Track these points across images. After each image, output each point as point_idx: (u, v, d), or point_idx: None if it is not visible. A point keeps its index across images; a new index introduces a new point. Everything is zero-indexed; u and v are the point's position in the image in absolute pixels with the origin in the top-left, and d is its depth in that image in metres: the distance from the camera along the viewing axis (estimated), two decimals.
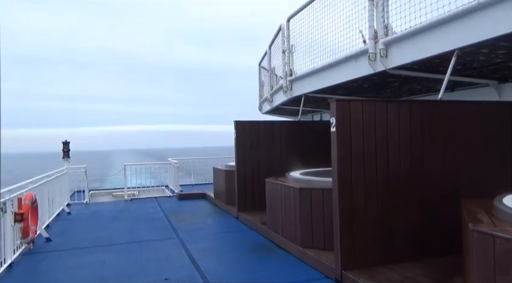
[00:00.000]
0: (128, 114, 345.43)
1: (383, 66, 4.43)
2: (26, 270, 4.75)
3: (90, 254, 5.29)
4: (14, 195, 5.21)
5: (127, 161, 11.89)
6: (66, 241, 6.08)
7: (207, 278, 4.19)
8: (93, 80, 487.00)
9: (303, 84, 6.78)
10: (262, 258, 4.95)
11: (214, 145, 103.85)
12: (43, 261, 5.07)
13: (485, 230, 2.57)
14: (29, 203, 5.44)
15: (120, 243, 5.86)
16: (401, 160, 4.08)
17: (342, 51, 5.35)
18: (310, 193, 4.81)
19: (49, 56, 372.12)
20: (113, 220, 7.70)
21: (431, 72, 4.70)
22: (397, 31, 4.20)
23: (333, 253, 4.05)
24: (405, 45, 4.08)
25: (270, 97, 8.94)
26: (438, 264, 3.88)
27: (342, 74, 5.38)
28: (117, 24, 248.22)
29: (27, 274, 4.63)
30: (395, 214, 4.04)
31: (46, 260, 5.09)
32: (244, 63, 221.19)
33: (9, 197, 4.99)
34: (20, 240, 5.27)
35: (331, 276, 4.03)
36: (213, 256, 5.02)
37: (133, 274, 4.43)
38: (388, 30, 4.32)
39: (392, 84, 5.74)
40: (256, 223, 6.34)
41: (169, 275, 4.32)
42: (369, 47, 4.51)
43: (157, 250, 5.40)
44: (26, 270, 4.77)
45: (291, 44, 7.03)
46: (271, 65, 8.85)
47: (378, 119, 4.00)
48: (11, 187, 5.21)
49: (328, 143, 4.03)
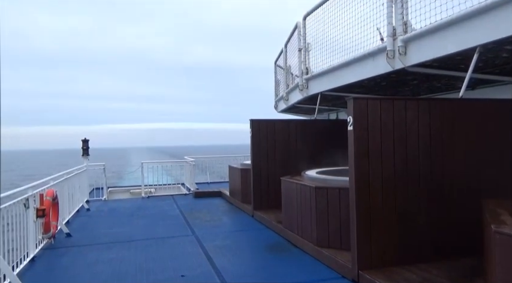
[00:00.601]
0: (144, 112, 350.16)
1: (401, 64, 4.36)
2: (47, 264, 4.88)
3: (109, 250, 5.39)
4: (36, 192, 5.36)
5: (143, 159, 12.08)
6: (86, 236, 6.22)
7: (223, 276, 4.22)
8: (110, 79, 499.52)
9: (319, 83, 6.74)
10: (277, 256, 4.95)
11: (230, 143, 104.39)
12: (64, 255, 5.20)
13: (509, 232, 2.50)
14: (50, 199, 5.58)
15: (138, 239, 5.96)
16: (420, 160, 4.01)
17: (359, 49, 5.28)
18: (326, 192, 4.78)
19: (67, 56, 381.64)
20: (131, 217, 7.82)
21: (451, 69, 4.60)
22: (417, 28, 4.12)
23: (349, 253, 4.02)
24: (425, 42, 4.01)
25: (286, 95, 8.91)
26: (457, 265, 3.80)
27: (359, 72, 5.32)
28: (132, 24, 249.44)
29: (48, 268, 4.76)
30: (414, 214, 3.98)
31: (67, 255, 5.22)
32: (260, 62, 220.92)
33: (31, 193, 5.13)
34: (42, 235, 5.42)
35: (347, 276, 4.00)
36: (229, 254, 5.05)
37: (150, 270, 4.50)
38: (407, 27, 4.24)
39: (411, 82, 5.65)
40: (271, 222, 6.34)
41: (186, 272, 4.36)
42: (387, 44, 4.45)
43: (174, 247, 5.47)
44: (48, 264, 4.90)
45: (307, 42, 6.98)
46: (287, 64, 8.82)
47: (397, 117, 3.94)
48: (33, 183, 5.35)
49: (344, 142, 4.00)
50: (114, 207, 9.12)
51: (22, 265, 4.62)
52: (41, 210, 5.20)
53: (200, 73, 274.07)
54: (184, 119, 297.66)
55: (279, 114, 10.95)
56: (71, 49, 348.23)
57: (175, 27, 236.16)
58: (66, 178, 7.34)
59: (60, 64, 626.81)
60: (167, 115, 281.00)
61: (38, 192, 5.40)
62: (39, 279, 4.39)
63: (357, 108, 3.83)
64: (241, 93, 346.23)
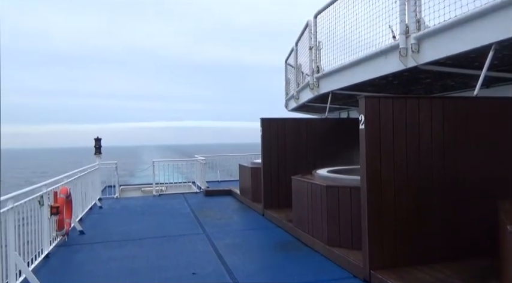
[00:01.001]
0: (155, 111, 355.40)
1: (414, 62, 4.30)
2: (61, 261, 4.96)
3: (121, 247, 5.46)
4: (50, 189, 5.45)
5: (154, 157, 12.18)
6: (99, 234, 6.31)
7: (233, 274, 4.23)
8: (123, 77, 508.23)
9: (330, 81, 6.69)
10: (288, 255, 4.94)
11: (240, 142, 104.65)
12: (77, 252, 5.29)
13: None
14: (64, 197, 5.67)
15: (150, 237, 6.02)
16: (433, 159, 3.96)
17: (371, 48, 5.23)
18: (337, 191, 4.76)
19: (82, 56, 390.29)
20: (142, 215, 7.91)
21: (466, 67, 4.52)
22: (430, 25, 4.06)
23: (360, 252, 4.00)
24: (439, 39, 3.94)
25: (296, 94, 8.88)
26: (471, 266, 3.75)
27: (370, 71, 5.27)
28: (146, 23, 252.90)
29: (62, 264, 4.84)
30: (426, 214, 3.93)
31: (80, 252, 5.31)
32: (270, 61, 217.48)
33: (46, 191, 5.22)
34: (56, 232, 5.51)
35: (358, 276, 3.98)
36: (239, 253, 5.06)
37: (162, 267, 4.55)
38: (420, 24, 4.18)
39: (424, 80, 5.57)
40: (282, 221, 6.34)
41: (197, 270, 4.39)
42: (399, 42, 4.39)
43: (185, 245, 5.51)
44: (62, 260, 4.98)
45: (318, 40, 6.94)
46: (297, 62, 8.79)
47: (409, 116, 3.90)
48: (47, 181, 5.45)
49: (356, 141, 3.97)
50: (126, 205, 9.23)
51: (37, 261, 4.71)
52: (55, 208, 5.29)
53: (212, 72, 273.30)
54: (196, 117, 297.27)
55: (289, 113, 10.92)
56: (85, 48, 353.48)
57: (186, 26, 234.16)
58: (79, 176, 7.45)
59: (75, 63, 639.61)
60: (179, 113, 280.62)
61: (52, 189, 5.49)
62: (54, 275, 4.47)
63: (368, 106, 3.80)
64: (251, 92, 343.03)
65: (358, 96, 3.91)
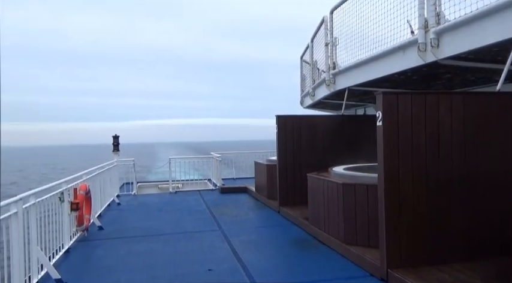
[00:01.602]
0: (170, 109, 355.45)
1: (434, 57, 4.20)
2: (81, 256, 5.08)
3: (138, 243, 5.55)
4: (71, 186, 5.58)
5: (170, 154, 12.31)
6: (117, 230, 6.43)
7: (249, 271, 4.24)
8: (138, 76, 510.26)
9: (346, 78, 6.61)
10: (304, 253, 4.93)
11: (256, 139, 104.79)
12: (96, 248, 5.40)
13: None
14: (83, 193, 5.80)
15: (167, 233, 6.10)
16: (453, 156, 3.87)
17: (388, 43, 5.14)
18: (354, 189, 4.71)
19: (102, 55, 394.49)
20: (159, 211, 8.01)
21: (488, 62, 4.39)
22: (450, 19, 3.95)
23: (377, 250, 3.94)
24: (459, 33, 3.84)
25: (312, 91, 8.81)
26: (491, 266, 3.65)
27: (388, 66, 5.18)
28: (159, 22, 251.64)
29: (82, 259, 4.96)
30: (445, 212, 3.85)
31: (99, 247, 5.42)
32: (285, 57, 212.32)
33: (66, 187, 5.34)
34: (76, 228, 5.65)
35: (375, 275, 3.93)
36: (255, 250, 5.07)
37: (179, 263, 4.60)
38: (440, 18, 4.07)
39: (443, 75, 5.44)
40: (297, 218, 6.32)
41: (213, 266, 4.42)
42: (418, 36, 4.29)
43: (201, 241, 5.55)
44: (82, 255, 5.10)
45: (334, 36, 6.86)
46: (313, 59, 8.72)
47: (429, 112, 3.81)
48: (67, 178, 5.58)
49: (373, 138, 3.91)
50: (144, 201, 9.37)
51: (58, 256, 4.83)
52: (75, 204, 5.41)
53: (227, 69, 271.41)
54: (210, 114, 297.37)
55: (304, 110, 10.85)
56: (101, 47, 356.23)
57: (201, 24, 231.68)
58: (98, 173, 7.59)
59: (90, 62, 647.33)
60: (194, 110, 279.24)
61: (72, 186, 5.62)
62: (75, 269, 4.58)
63: (386, 103, 3.73)
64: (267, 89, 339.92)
65: (375, 92, 3.84)
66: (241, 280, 4.03)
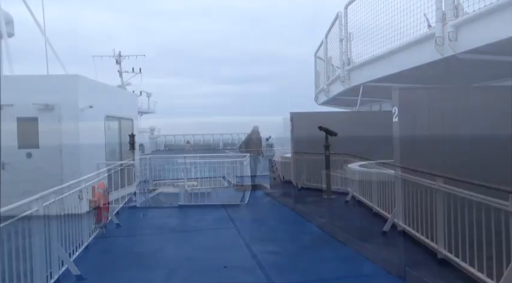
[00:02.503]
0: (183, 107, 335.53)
1: (452, 51, 4.11)
2: (100, 252, 5.18)
3: (154, 239, 5.63)
4: (89, 184, 5.68)
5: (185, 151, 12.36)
6: (134, 227, 6.53)
7: (265, 268, 4.24)
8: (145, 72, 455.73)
9: (361, 73, 6.54)
10: (319, 250, 4.89)
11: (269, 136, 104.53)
12: (114, 244, 5.50)
13: None
14: (101, 191, 5.90)
15: (182, 230, 6.16)
16: (472, 151, 3.77)
17: (404, 38, 5.05)
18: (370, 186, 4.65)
19: None
20: (175, 209, 8.08)
21: (509, 54, 4.27)
22: (469, 11, 3.86)
23: (395, 248, 3.89)
24: (479, 26, 3.74)
25: (327, 87, 8.75)
26: None
27: (404, 61, 5.10)
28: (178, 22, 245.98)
29: (101, 255, 5.06)
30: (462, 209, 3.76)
31: (117, 243, 5.52)
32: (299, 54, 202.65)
33: (84, 186, 5.45)
34: (94, 225, 5.75)
35: (393, 273, 3.88)
36: (270, 247, 5.07)
37: (194, 260, 4.64)
38: (458, 11, 3.99)
39: (462, 69, 5.31)
40: (313, 216, 6.28)
41: (228, 263, 4.44)
42: (435, 30, 4.21)
43: (216, 238, 5.59)
44: (100, 251, 5.20)
45: (349, 32, 6.79)
46: (327, 55, 8.64)
47: (446, 107, 3.74)
48: (86, 176, 5.68)
49: (388, 134, 3.85)
50: (160, 199, 9.45)
51: (77, 252, 4.93)
52: (93, 202, 5.51)
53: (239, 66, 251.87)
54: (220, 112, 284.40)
55: (319, 107, 10.78)
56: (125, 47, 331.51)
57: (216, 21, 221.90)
58: (115, 171, 7.71)
59: None
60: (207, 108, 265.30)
61: (90, 184, 5.72)
62: (94, 265, 4.67)
63: (402, 98, 3.68)
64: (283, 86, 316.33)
65: (391, 88, 3.79)
66: None
